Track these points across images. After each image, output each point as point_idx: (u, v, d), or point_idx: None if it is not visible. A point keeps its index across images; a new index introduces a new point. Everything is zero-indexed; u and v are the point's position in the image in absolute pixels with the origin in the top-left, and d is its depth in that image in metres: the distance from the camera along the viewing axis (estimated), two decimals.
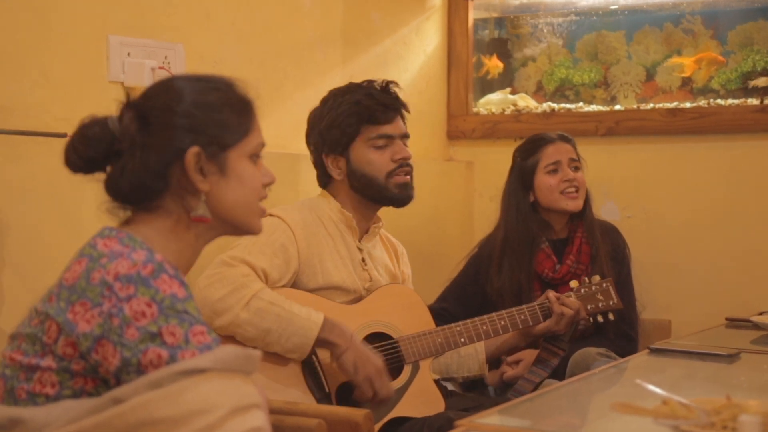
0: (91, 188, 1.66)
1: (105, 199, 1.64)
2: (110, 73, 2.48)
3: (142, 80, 2.51)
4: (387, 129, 2.60)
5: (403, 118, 2.67)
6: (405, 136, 2.65)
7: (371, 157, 2.59)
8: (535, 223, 3.19)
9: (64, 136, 2.30)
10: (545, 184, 3.16)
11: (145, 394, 1.41)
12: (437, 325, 2.72)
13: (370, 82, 2.65)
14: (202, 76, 1.70)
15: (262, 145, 1.72)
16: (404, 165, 2.61)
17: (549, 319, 2.74)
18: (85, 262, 1.54)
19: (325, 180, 2.68)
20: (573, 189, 3.13)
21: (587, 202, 3.22)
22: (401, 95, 2.68)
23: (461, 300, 3.21)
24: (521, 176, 3.21)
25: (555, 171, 3.15)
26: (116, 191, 1.63)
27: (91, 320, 1.48)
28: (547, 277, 3.13)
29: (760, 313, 3.07)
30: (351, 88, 2.64)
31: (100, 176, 1.64)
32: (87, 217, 1.74)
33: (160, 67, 2.55)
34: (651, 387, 1.73)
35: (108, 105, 2.43)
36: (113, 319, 1.47)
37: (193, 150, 1.60)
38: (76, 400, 1.50)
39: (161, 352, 1.46)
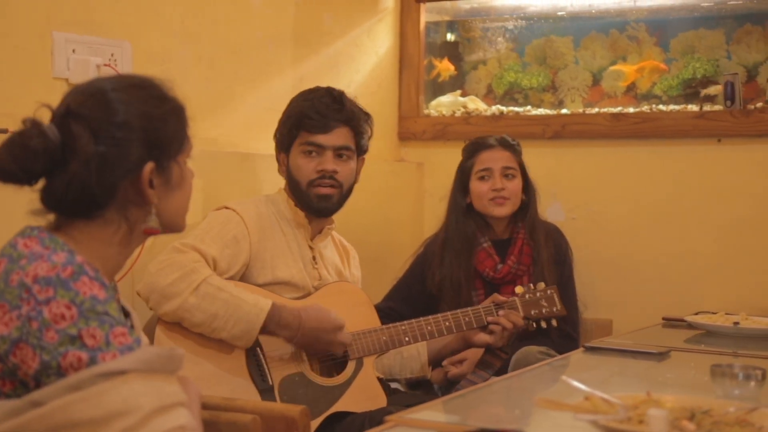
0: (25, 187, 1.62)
1: (37, 206, 1.57)
2: (54, 70, 2.45)
3: (87, 77, 2.42)
4: (319, 138, 2.61)
5: (355, 131, 2.67)
6: (342, 149, 2.64)
7: (300, 163, 2.63)
8: (473, 223, 3.20)
9: (5, 131, 2.27)
10: (476, 189, 3.18)
11: (65, 397, 1.39)
12: (383, 323, 2.73)
13: (328, 90, 2.67)
14: (137, 82, 1.64)
15: (192, 147, 1.69)
16: (326, 177, 2.61)
17: (491, 335, 2.74)
18: (5, 263, 1.50)
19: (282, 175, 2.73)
20: (500, 198, 3.15)
21: (532, 203, 3.23)
22: (356, 108, 2.69)
23: (407, 299, 3.21)
24: (461, 177, 3.24)
25: (485, 178, 3.16)
26: (57, 202, 1.56)
27: (9, 323, 1.45)
28: (488, 276, 3.14)
29: (696, 313, 3.11)
30: (307, 93, 2.68)
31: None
32: (23, 215, 1.70)
33: (106, 65, 2.52)
34: (576, 383, 1.74)
35: (51, 101, 2.40)
36: (32, 322, 1.43)
37: (149, 166, 1.57)
38: None
39: (81, 355, 1.43)
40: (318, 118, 2.60)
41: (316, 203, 2.63)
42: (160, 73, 2.70)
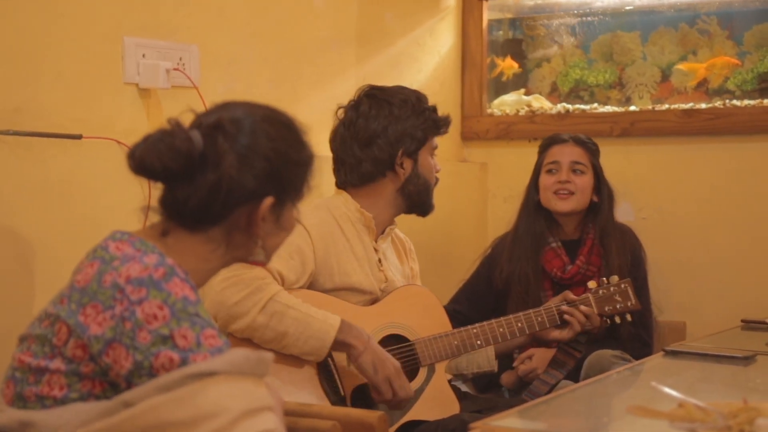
0: (105, 189, 1.65)
1: (154, 205, 1.63)
2: (125, 75, 2.48)
3: (157, 82, 2.52)
4: (437, 142, 2.73)
5: None
6: None
7: (430, 165, 2.69)
8: (543, 221, 3.22)
9: (78, 137, 2.31)
10: (543, 182, 3.22)
11: (156, 398, 1.41)
12: (452, 327, 2.72)
13: (419, 92, 2.73)
14: (286, 122, 1.70)
15: None
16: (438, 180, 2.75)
17: (562, 330, 2.74)
18: (97, 264, 1.54)
19: (370, 178, 2.65)
20: (565, 191, 3.15)
21: (605, 204, 3.22)
22: None
23: (474, 301, 3.22)
24: (534, 173, 3.26)
25: (553, 171, 3.18)
26: (176, 207, 1.61)
27: (102, 323, 1.48)
28: (556, 276, 3.14)
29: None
30: (411, 94, 2.69)
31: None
32: (100, 219, 1.73)
33: (175, 69, 2.54)
34: (667, 390, 1.73)
35: (122, 106, 2.46)
36: (125, 322, 1.47)
37: (269, 200, 1.63)
38: (86, 403, 1.51)
39: (173, 356, 1.46)
40: (446, 119, 2.72)
41: (431, 202, 2.73)
42: (226, 75, 2.76)
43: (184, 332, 1.48)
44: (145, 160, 1.57)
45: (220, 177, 1.58)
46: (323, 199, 2.71)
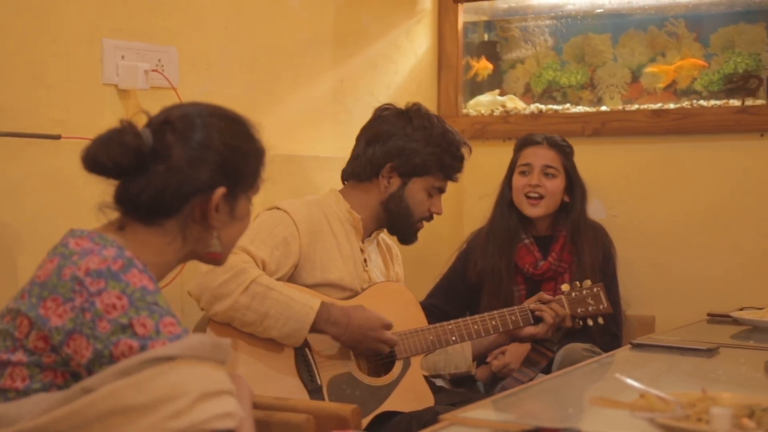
0: (84, 189, 1.65)
1: (109, 202, 1.64)
2: (104, 76, 2.48)
3: (136, 83, 2.51)
4: (446, 185, 2.73)
5: None
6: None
7: (421, 199, 2.68)
8: (517, 218, 3.22)
9: (57, 137, 2.30)
10: (515, 183, 3.22)
11: (115, 383, 1.42)
12: (427, 320, 2.73)
13: (456, 134, 2.75)
14: (233, 117, 1.71)
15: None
16: (431, 218, 2.74)
17: (536, 326, 2.75)
18: (57, 260, 1.55)
19: (361, 175, 2.69)
20: (535, 194, 3.16)
21: (577, 204, 3.23)
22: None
23: (450, 295, 3.23)
24: (508, 172, 3.27)
25: (525, 173, 3.19)
26: (131, 201, 1.63)
27: (63, 315, 1.49)
28: (528, 272, 3.15)
29: (741, 309, 3.09)
30: (446, 130, 2.71)
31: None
32: (80, 218, 1.72)
33: (154, 70, 2.54)
34: (630, 381, 1.73)
35: (101, 107, 2.44)
36: (85, 313, 1.48)
37: (221, 190, 1.64)
38: (47, 393, 1.51)
39: (132, 343, 1.46)
40: (458, 168, 2.73)
41: (413, 236, 2.74)
42: (204, 77, 2.75)
43: (143, 321, 1.48)
44: (97, 157, 1.59)
45: (170, 170, 1.60)
46: (316, 195, 2.72)
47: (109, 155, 1.58)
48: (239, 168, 1.67)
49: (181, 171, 1.61)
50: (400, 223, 2.69)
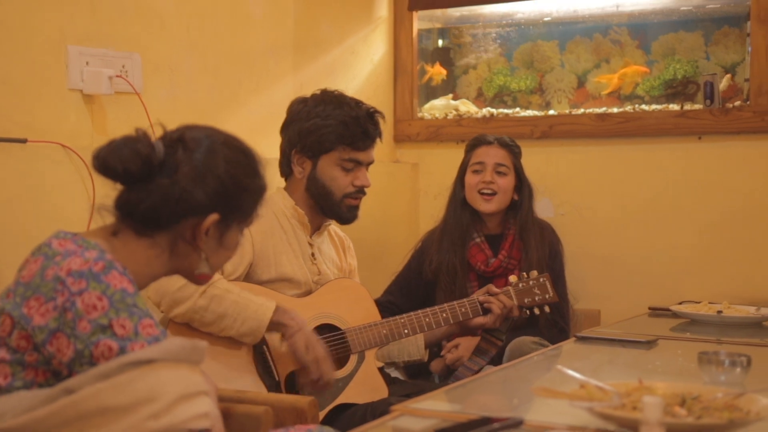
0: (49, 192, 1.65)
1: (108, 206, 1.64)
2: (69, 81, 2.46)
3: (100, 88, 2.50)
4: (359, 155, 2.60)
5: (375, 144, 2.67)
6: (370, 164, 2.65)
7: (335, 174, 2.59)
8: (469, 216, 3.24)
9: (24, 141, 2.28)
10: (468, 181, 3.23)
11: (96, 385, 1.42)
12: (384, 317, 2.73)
13: (360, 104, 2.62)
14: (245, 151, 1.71)
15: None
16: (361, 191, 2.63)
17: (485, 316, 2.76)
18: (41, 260, 1.54)
19: (284, 171, 2.69)
20: (489, 191, 3.18)
21: (525, 202, 3.25)
22: (381, 125, 2.67)
23: (405, 292, 3.24)
24: (460, 171, 3.28)
25: (478, 171, 3.20)
26: (129, 208, 1.62)
27: (45, 314, 1.49)
28: (480, 270, 3.17)
29: (680, 303, 3.13)
30: (342, 102, 2.60)
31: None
32: (45, 219, 1.72)
33: (118, 76, 2.52)
34: (570, 372, 1.75)
35: (67, 112, 2.42)
36: (67, 312, 1.47)
37: (215, 216, 1.64)
38: (29, 391, 1.50)
39: (112, 344, 1.47)
40: (363, 137, 2.58)
41: (347, 213, 2.63)
42: (168, 82, 2.74)
43: (122, 322, 1.48)
44: (108, 160, 1.59)
45: (173, 185, 1.60)
46: (267, 195, 2.71)
47: (120, 160, 1.58)
48: (236, 199, 1.67)
49: (182, 188, 1.61)
50: (326, 203, 2.61)
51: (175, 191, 1.60)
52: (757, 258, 3.51)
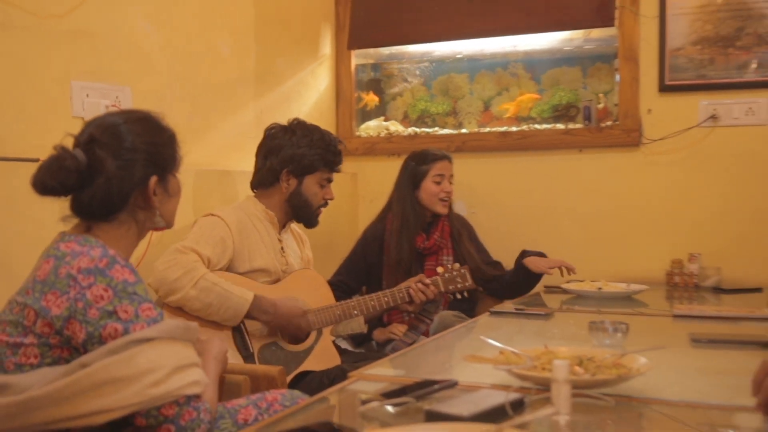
0: (58, 204, 1.62)
1: (68, 213, 1.60)
2: (73, 110, 2.41)
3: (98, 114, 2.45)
4: (332, 175, 2.70)
5: None
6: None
7: (316, 191, 2.67)
8: (418, 216, 3.26)
9: (36, 161, 2.22)
10: (430, 189, 3.25)
11: (106, 359, 1.41)
12: (336, 293, 2.76)
13: (332, 135, 2.71)
14: (142, 116, 1.66)
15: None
16: (326, 203, 2.72)
17: (410, 304, 2.76)
18: (52, 261, 1.52)
19: (265, 183, 2.67)
20: (447, 199, 3.25)
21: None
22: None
23: (352, 273, 3.28)
24: (413, 177, 3.28)
25: (439, 182, 3.23)
26: (85, 209, 1.60)
27: (61, 305, 1.47)
28: (420, 247, 3.21)
29: (568, 282, 3.19)
30: (322, 133, 2.68)
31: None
32: (53, 227, 1.68)
33: (113, 105, 2.48)
34: (491, 341, 1.77)
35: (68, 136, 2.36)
36: (78, 303, 1.46)
37: (154, 179, 1.62)
38: (52, 367, 1.49)
39: (117, 326, 1.46)
40: (338, 162, 2.69)
41: (315, 220, 2.72)
42: (153, 110, 2.69)
43: (125, 308, 1.47)
44: (45, 183, 1.55)
45: (108, 179, 1.57)
46: (240, 202, 2.71)
47: (55, 179, 1.54)
48: (160, 156, 1.63)
49: (117, 176, 1.57)
50: (303, 213, 2.67)
51: (113, 181, 1.57)
52: (626, 245, 3.59)
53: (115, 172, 1.57)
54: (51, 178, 1.54)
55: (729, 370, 1.74)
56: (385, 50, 4.13)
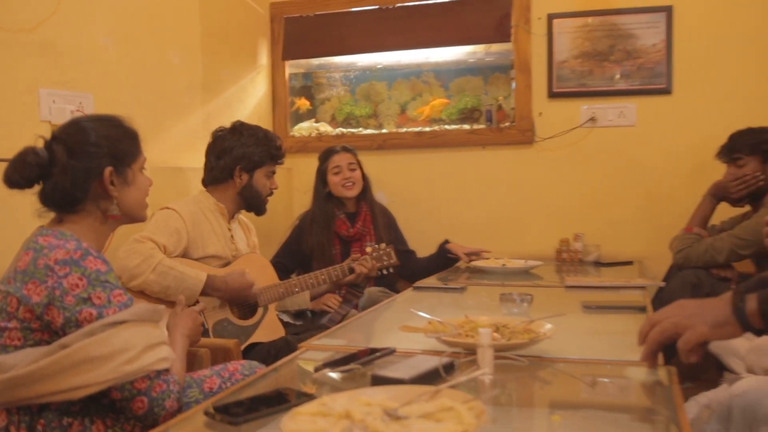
0: (27, 197, 1.57)
1: (39, 206, 1.56)
2: (41, 115, 2.32)
3: (64, 119, 2.32)
4: (276, 167, 2.67)
5: None
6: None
7: (265, 182, 2.64)
8: (332, 204, 3.26)
9: (6, 160, 2.14)
10: (333, 180, 3.25)
11: (83, 341, 1.38)
12: (277, 272, 2.73)
13: (271, 132, 2.68)
14: (103, 116, 1.63)
15: (145, 160, 1.68)
16: (272, 193, 2.69)
17: (352, 275, 2.77)
18: (31, 253, 1.47)
19: (219, 180, 2.61)
20: (350, 183, 3.22)
21: (368, 189, 3.31)
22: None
23: (289, 255, 3.27)
24: (321, 174, 3.29)
25: (338, 173, 3.22)
26: (50, 201, 1.56)
27: (40, 293, 1.43)
28: (344, 235, 3.21)
29: (474, 260, 3.24)
30: (264, 132, 2.64)
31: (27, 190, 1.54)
32: (27, 221, 1.62)
33: (78, 110, 2.40)
34: (420, 313, 1.80)
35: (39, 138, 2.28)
36: (56, 291, 1.42)
37: (109, 170, 1.57)
38: (34, 348, 1.44)
39: (92, 311, 1.42)
40: (281, 156, 2.67)
41: (264, 208, 2.67)
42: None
43: (98, 294, 1.44)
44: (11, 177, 1.53)
45: (64, 169, 1.53)
46: (193, 196, 2.65)
47: (18, 173, 1.51)
48: (118, 149, 1.58)
49: (73, 168, 1.53)
50: (255, 203, 2.64)
51: (71, 173, 1.53)
52: (522, 227, 3.67)
53: (71, 163, 1.53)
54: (15, 173, 1.51)
55: (615, 331, 1.80)
56: (315, 61, 4.09)
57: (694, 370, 1.27)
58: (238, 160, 2.60)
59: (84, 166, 1.54)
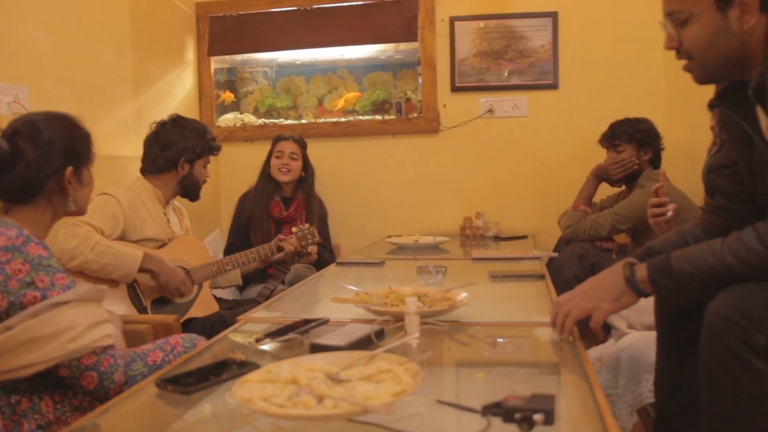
0: None
1: None
2: None
3: (1, 110, 2.21)
4: (211, 158, 2.61)
5: None
6: None
7: (202, 172, 2.58)
8: (272, 185, 3.23)
9: None
10: (273, 163, 3.25)
11: (27, 322, 1.31)
12: (230, 254, 2.68)
13: (207, 126, 2.61)
14: (62, 116, 1.54)
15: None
16: (206, 180, 2.62)
17: (281, 253, 2.74)
18: None
19: (162, 170, 2.51)
20: (286, 169, 3.20)
21: (308, 181, 3.30)
22: None
23: (236, 234, 3.26)
24: (268, 156, 3.29)
25: (279, 157, 3.20)
26: (5, 192, 1.46)
27: None
28: (277, 216, 3.17)
29: (389, 237, 3.26)
30: (203, 126, 2.58)
31: None
32: None
33: (14, 101, 2.25)
34: (348, 286, 1.79)
35: None
36: None
37: (70, 169, 1.49)
38: None
39: (36, 294, 1.34)
40: (217, 148, 2.60)
41: (199, 194, 2.60)
42: (48, 106, 2.46)
43: (41, 278, 1.36)
44: None
45: (27, 164, 1.45)
46: (130, 183, 2.54)
47: None
48: (76, 150, 1.52)
49: (35, 164, 1.45)
50: (193, 191, 2.58)
51: (32, 167, 1.45)
52: (430, 207, 3.72)
53: (34, 160, 1.45)
54: None
55: (520, 296, 1.86)
56: (239, 57, 3.99)
57: (582, 330, 1.33)
58: (182, 152, 2.52)
59: (46, 163, 1.46)
